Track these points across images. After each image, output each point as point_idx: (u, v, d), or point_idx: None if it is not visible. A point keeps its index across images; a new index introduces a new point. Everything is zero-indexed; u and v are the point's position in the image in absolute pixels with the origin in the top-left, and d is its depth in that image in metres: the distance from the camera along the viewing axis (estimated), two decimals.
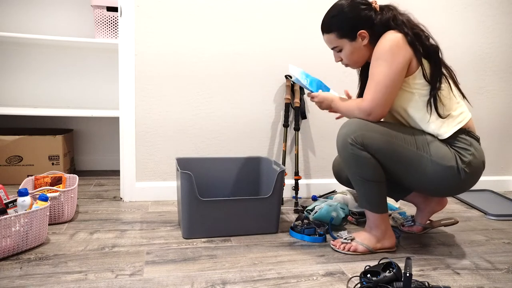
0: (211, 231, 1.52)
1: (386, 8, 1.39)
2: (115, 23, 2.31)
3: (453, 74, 1.40)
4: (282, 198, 1.96)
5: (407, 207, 1.96)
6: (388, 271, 1.16)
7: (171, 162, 1.99)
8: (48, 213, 1.39)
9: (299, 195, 2.08)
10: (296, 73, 1.66)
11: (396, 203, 1.89)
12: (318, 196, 2.06)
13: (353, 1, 1.38)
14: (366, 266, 1.23)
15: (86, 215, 1.72)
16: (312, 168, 2.17)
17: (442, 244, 1.56)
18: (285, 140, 2.02)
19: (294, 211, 1.88)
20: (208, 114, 2.00)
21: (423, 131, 1.37)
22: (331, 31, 1.41)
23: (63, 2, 2.43)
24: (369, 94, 1.34)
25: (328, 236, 1.56)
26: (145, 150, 1.95)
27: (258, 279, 1.21)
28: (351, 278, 1.24)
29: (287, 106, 2.02)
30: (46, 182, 1.72)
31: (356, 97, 1.60)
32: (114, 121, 2.57)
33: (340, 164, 1.62)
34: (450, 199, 2.19)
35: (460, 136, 1.35)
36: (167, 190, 1.98)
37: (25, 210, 1.35)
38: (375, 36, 1.36)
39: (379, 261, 1.23)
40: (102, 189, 2.13)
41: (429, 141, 1.34)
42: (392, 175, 1.38)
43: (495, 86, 2.34)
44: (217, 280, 1.20)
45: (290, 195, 2.10)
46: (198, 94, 1.97)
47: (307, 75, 1.68)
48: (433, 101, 1.33)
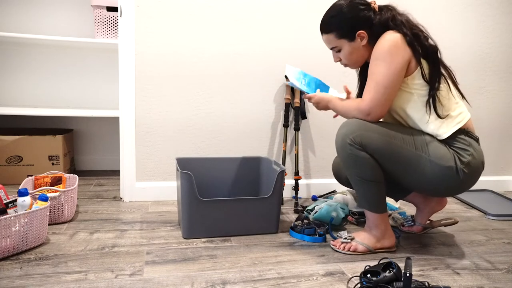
0: (211, 231, 1.52)
1: (385, 8, 1.39)
2: (115, 23, 2.31)
3: (452, 75, 1.40)
4: (282, 198, 1.96)
5: (407, 207, 1.96)
6: (388, 271, 1.16)
7: (171, 162, 1.99)
8: (48, 213, 1.39)
9: (299, 195, 2.08)
10: (294, 73, 1.66)
11: (396, 203, 1.89)
12: (318, 196, 2.07)
13: (352, 2, 1.37)
14: (366, 266, 1.23)
15: (86, 215, 1.72)
16: (312, 168, 2.17)
17: (442, 244, 1.57)
18: (285, 140, 2.02)
19: (294, 211, 1.88)
20: (208, 114, 2.00)
21: (422, 131, 1.37)
22: (330, 31, 1.41)
23: (63, 2, 2.43)
24: (368, 94, 1.34)
25: (328, 236, 1.56)
26: (145, 150, 1.95)
27: (258, 279, 1.21)
28: (351, 278, 1.24)
29: (287, 106, 2.02)
30: (46, 182, 1.72)
31: (356, 97, 1.60)
32: (114, 121, 2.57)
33: (339, 164, 1.62)
34: (450, 199, 2.19)
35: (459, 137, 1.34)
36: (167, 190, 1.98)
37: (25, 210, 1.35)
38: (374, 37, 1.36)
39: (379, 261, 1.23)
40: (102, 189, 2.13)
41: (427, 141, 1.34)
42: (391, 175, 1.38)
43: (495, 86, 2.34)
44: (217, 280, 1.20)
45: (290, 195, 2.10)
46: (198, 94, 1.97)
47: (305, 75, 1.68)
48: (432, 102, 1.33)
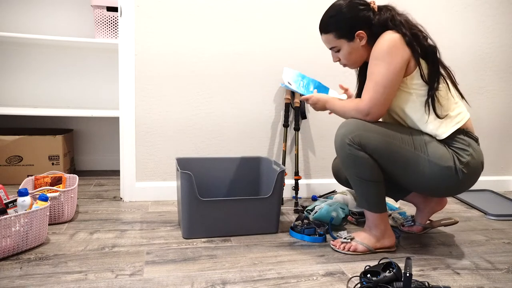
0: (211, 231, 1.52)
1: (385, 8, 1.39)
2: (115, 23, 2.31)
3: (452, 75, 1.39)
4: (282, 198, 1.96)
5: (407, 207, 1.96)
6: (388, 271, 1.16)
7: (171, 162, 1.99)
8: (48, 213, 1.39)
9: (299, 195, 2.08)
10: (292, 75, 1.66)
11: (396, 203, 1.89)
12: (318, 196, 2.07)
13: (352, 2, 1.37)
14: (366, 266, 1.23)
15: (86, 215, 1.72)
16: (312, 168, 2.17)
17: (442, 244, 1.56)
18: (285, 140, 2.02)
19: (294, 211, 1.88)
20: (208, 114, 2.00)
21: (421, 131, 1.37)
22: (329, 31, 1.41)
23: (63, 2, 2.43)
24: (367, 94, 1.34)
25: (328, 236, 1.56)
26: (145, 150, 1.95)
27: (258, 279, 1.21)
28: (351, 278, 1.24)
29: (287, 106, 2.02)
30: (46, 182, 1.72)
31: (355, 97, 1.60)
32: (114, 121, 2.57)
33: (339, 164, 1.62)
34: (450, 199, 2.19)
35: (458, 137, 1.34)
36: (167, 190, 1.98)
37: (25, 210, 1.35)
38: (373, 37, 1.36)
39: (379, 261, 1.23)
40: (102, 189, 2.13)
41: (426, 141, 1.34)
42: (390, 175, 1.38)
43: (495, 86, 2.34)
44: (217, 280, 1.20)
45: (290, 195, 2.10)
46: (198, 94, 1.97)
47: (304, 77, 1.68)
48: (431, 102, 1.33)
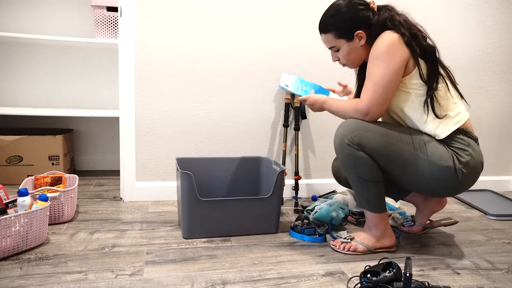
0: (211, 231, 1.52)
1: (384, 8, 1.39)
2: (115, 23, 2.31)
3: (451, 74, 1.39)
4: (282, 198, 1.96)
5: (407, 207, 1.96)
6: (388, 271, 1.16)
7: (171, 162, 1.99)
8: (48, 213, 1.39)
9: (299, 195, 2.08)
10: (291, 80, 1.66)
11: (396, 203, 1.89)
12: (318, 196, 2.07)
13: (351, 2, 1.37)
14: (366, 266, 1.23)
15: (86, 215, 1.72)
16: (312, 168, 2.17)
17: (442, 244, 1.56)
18: (285, 140, 2.02)
19: (294, 211, 1.88)
20: (208, 114, 2.00)
21: (420, 131, 1.37)
22: (329, 31, 1.41)
23: (63, 2, 2.43)
24: (366, 94, 1.34)
25: (328, 236, 1.56)
26: (145, 150, 1.95)
27: (258, 279, 1.21)
28: (351, 278, 1.24)
29: (287, 106, 2.02)
30: (46, 182, 1.72)
31: (354, 97, 1.60)
32: (114, 121, 2.57)
33: (339, 165, 1.62)
34: (450, 199, 2.19)
35: (457, 136, 1.34)
36: (167, 190, 1.98)
37: (25, 210, 1.35)
38: (372, 37, 1.36)
39: (379, 261, 1.23)
40: (102, 189, 2.13)
41: (426, 141, 1.34)
42: (390, 175, 1.38)
43: (495, 86, 2.34)
44: (217, 280, 1.20)
45: (290, 195, 2.10)
46: (198, 94, 1.97)
47: (302, 81, 1.68)
48: (430, 102, 1.32)
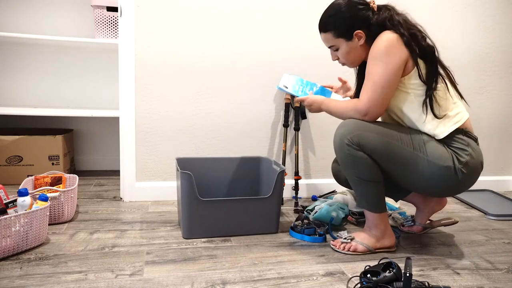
0: (211, 231, 1.52)
1: (384, 8, 1.39)
2: (115, 23, 2.31)
3: (451, 75, 1.39)
4: (282, 198, 1.96)
5: (407, 207, 1.96)
6: (388, 271, 1.16)
7: (171, 162, 1.99)
8: (48, 213, 1.39)
9: (299, 195, 2.08)
10: (291, 81, 1.66)
11: (396, 203, 1.89)
12: (318, 196, 2.07)
13: (351, 1, 1.37)
14: (366, 266, 1.23)
15: (86, 215, 1.72)
16: (312, 168, 2.17)
17: (442, 244, 1.56)
18: (285, 140, 2.02)
19: (294, 211, 1.88)
20: (208, 114, 2.00)
21: (419, 131, 1.37)
22: (328, 30, 1.41)
23: (63, 2, 2.43)
24: (366, 94, 1.34)
25: (328, 236, 1.56)
26: (145, 150, 1.95)
27: (258, 279, 1.21)
28: (351, 278, 1.24)
29: (287, 106, 2.02)
30: (46, 182, 1.72)
31: (353, 96, 1.60)
32: (114, 121, 2.57)
33: (338, 165, 1.62)
34: (450, 199, 2.19)
35: (457, 136, 1.34)
36: (167, 190, 1.98)
37: (25, 210, 1.35)
38: (372, 36, 1.36)
39: (379, 261, 1.23)
40: (102, 189, 2.13)
41: (425, 141, 1.34)
42: (390, 175, 1.38)
43: (495, 86, 2.34)
44: (217, 280, 1.20)
45: (290, 195, 2.10)
46: (198, 94, 1.97)
47: (302, 81, 1.68)
48: (429, 102, 1.32)
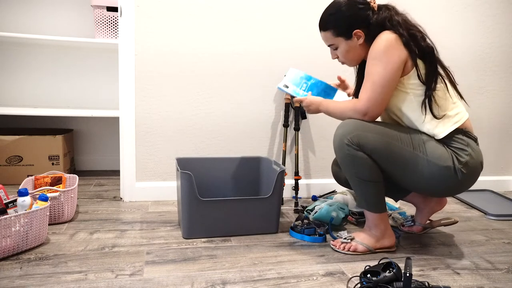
0: (211, 231, 1.52)
1: (384, 7, 1.39)
2: (115, 23, 2.31)
3: (451, 75, 1.39)
4: (282, 198, 1.96)
5: (407, 207, 1.96)
6: (388, 271, 1.16)
7: (171, 162, 1.99)
8: (48, 213, 1.39)
9: (299, 195, 2.08)
10: (295, 76, 1.65)
11: (395, 203, 1.89)
12: (318, 196, 2.07)
13: (351, 0, 1.38)
14: (366, 266, 1.23)
15: (86, 215, 1.72)
16: (312, 168, 2.17)
17: (442, 244, 1.56)
18: (285, 140, 2.02)
19: (294, 211, 1.88)
20: (208, 114, 2.00)
21: (419, 131, 1.37)
22: (328, 29, 1.42)
23: (63, 2, 2.43)
24: (365, 94, 1.34)
25: (328, 236, 1.56)
26: (145, 150, 1.95)
27: (258, 279, 1.21)
28: (351, 278, 1.24)
29: (287, 106, 2.02)
30: (46, 182, 1.72)
31: (353, 94, 1.59)
32: (114, 121, 2.57)
33: (338, 165, 1.62)
34: (450, 199, 2.19)
35: (456, 136, 1.34)
36: (167, 190, 1.98)
37: (25, 210, 1.35)
38: (371, 36, 1.36)
39: (379, 261, 1.23)
40: (102, 189, 2.13)
41: (425, 140, 1.34)
42: (390, 175, 1.38)
43: (495, 86, 2.34)
44: (217, 280, 1.20)
45: (290, 195, 2.10)
46: (198, 94, 1.97)
47: (309, 78, 1.67)
48: (428, 102, 1.32)
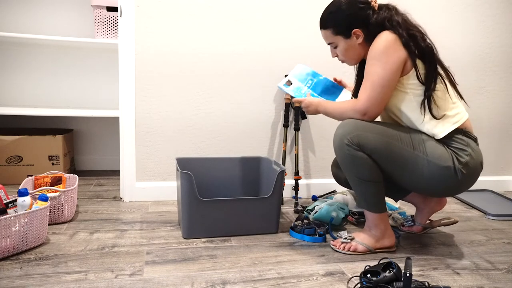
0: (211, 231, 1.52)
1: (385, 7, 1.39)
2: (115, 23, 2.31)
3: (451, 75, 1.39)
4: (282, 198, 1.96)
5: (407, 207, 1.96)
6: (388, 271, 1.16)
7: (171, 162, 1.99)
8: (48, 213, 1.39)
9: (299, 195, 2.08)
10: (300, 73, 1.65)
11: (395, 203, 1.89)
12: (318, 196, 2.06)
13: None
14: (366, 266, 1.23)
15: (86, 215, 1.72)
16: (312, 168, 2.17)
17: (442, 244, 1.56)
18: (285, 140, 2.02)
19: (294, 211, 1.88)
20: (208, 114, 2.00)
21: (419, 131, 1.37)
22: (327, 27, 1.42)
23: (63, 2, 2.43)
24: (364, 93, 1.34)
25: (328, 236, 1.56)
26: (145, 150, 1.95)
27: (258, 279, 1.21)
28: (351, 278, 1.24)
29: (287, 106, 2.02)
30: (46, 182, 1.72)
31: (352, 93, 1.59)
32: (114, 121, 2.57)
33: (338, 165, 1.62)
34: (450, 199, 2.19)
35: (456, 136, 1.34)
36: (167, 190, 1.98)
37: (25, 210, 1.35)
38: (371, 36, 1.36)
39: (379, 261, 1.23)
40: (102, 189, 2.13)
41: (425, 140, 1.34)
42: (390, 175, 1.38)
43: (495, 86, 2.34)
44: (217, 280, 1.20)
45: (290, 195, 2.10)
46: (198, 94, 1.97)
47: (315, 75, 1.66)
48: (427, 102, 1.32)
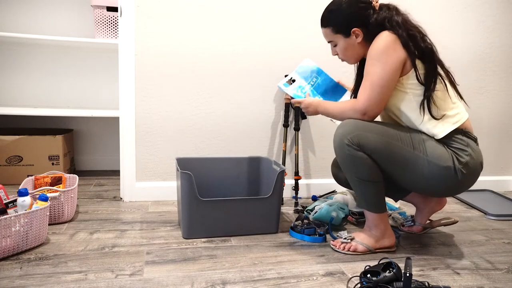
0: (211, 231, 1.52)
1: (385, 7, 1.39)
2: (115, 23, 2.31)
3: (451, 75, 1.39)
4: (282, 198, 1.96)
5: (407, 207, 1.96)
6: (388, 271, 1.16)
7: (171, 162, 1.99)
8: (48, 213, 1.39)
9: (299, 195, 2.08)
10: (305, 70, 1.64)
11: (395, 203, 1.89)
12: (318, 196, 2.07)
13: None
14: (366, 266, 1.23)
15: (86, 215, 1.72)
16: (312, 168, 2.17)
17: (442, 244, 1.57)
18: (285, 140, 2.02)
19: (294, 211, 1.88)
20: (208, 114, 2.00)
21: (419, 131, 1.37)
22: (327, 26, 1.43)
23: (63, 2, 2.43)
24: (364, 93, 1.34)
25: (328, 236, 1.56)
26: (145, 150, 1.95)
27: (258, 279, 1.21)
28: (351, 278, 1.24)
29: (287, 106, 2.02)
30: (46, 182, 1.72)
31: (352, 92, 1.60)
32: (114, 121, 2.57)
33: (338, 165, 1.62)
34: (450, 199, 2.19)
35: (456, 137, 1.34)
36: (167, 190, 1.98)
37: (25, 210, 1.35)
38: (370, 35, 1.36)
39: (379, 261, 1.23)
40: (102, 189, 2.13)
41: (425, 140, 1.34)
42: (390, 175, 1.38)
43: (495, 86, 2.34)
44: (217, 280, 1.20)
45: (290, 195, 2.10)
46: (198, 94, 1.97)
47: (320, 74, 1.66)
48: (427, 103, 1.32)
